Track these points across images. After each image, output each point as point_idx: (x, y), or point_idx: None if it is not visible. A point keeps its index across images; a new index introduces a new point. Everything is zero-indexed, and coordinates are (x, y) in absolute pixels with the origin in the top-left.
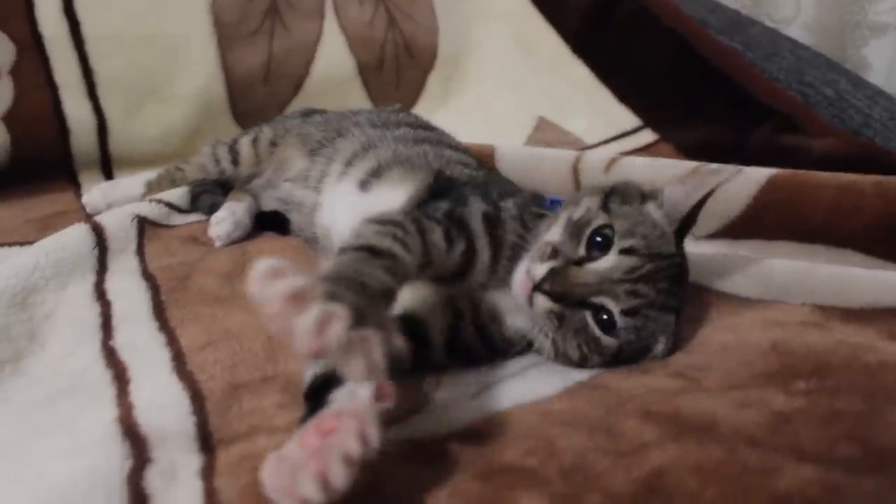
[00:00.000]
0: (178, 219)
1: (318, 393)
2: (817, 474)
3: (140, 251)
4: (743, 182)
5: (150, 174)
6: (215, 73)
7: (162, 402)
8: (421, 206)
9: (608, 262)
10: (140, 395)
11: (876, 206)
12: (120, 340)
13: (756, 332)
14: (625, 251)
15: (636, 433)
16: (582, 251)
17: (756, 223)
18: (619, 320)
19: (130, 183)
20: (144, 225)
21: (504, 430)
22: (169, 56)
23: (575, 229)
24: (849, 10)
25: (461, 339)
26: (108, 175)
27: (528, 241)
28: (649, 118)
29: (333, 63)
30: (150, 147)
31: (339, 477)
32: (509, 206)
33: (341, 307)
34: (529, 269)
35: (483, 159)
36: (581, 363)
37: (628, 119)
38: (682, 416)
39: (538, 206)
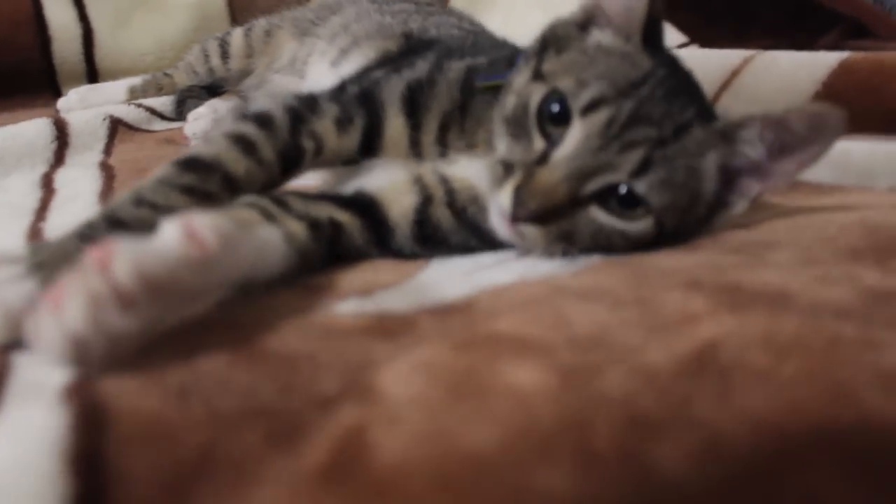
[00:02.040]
0: (160, 125)
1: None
2: None
3: (108, 150)
4: (809, 66)
5: (135, 80)
6: None
7: None
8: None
9: (575, 134)
10: None
11: None
12: (52, 222)
13: (836, 212)
14: (587, 109)
15: (680, 305)
16: (539, 144)
17: None
18: (638, 186)
19: (112, 88)
20: (118, 126)
21: (499, 303)
22: None
23: (516, 124)
24: None
25: (432, 225)
26: None
27: (472, 107)
28: (696, 34)
29: None
30: (140, 59)
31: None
32: (458, 66)
33: None
34: (493, 202)
35: None
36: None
37: (673, 36)
38: (743, 288)
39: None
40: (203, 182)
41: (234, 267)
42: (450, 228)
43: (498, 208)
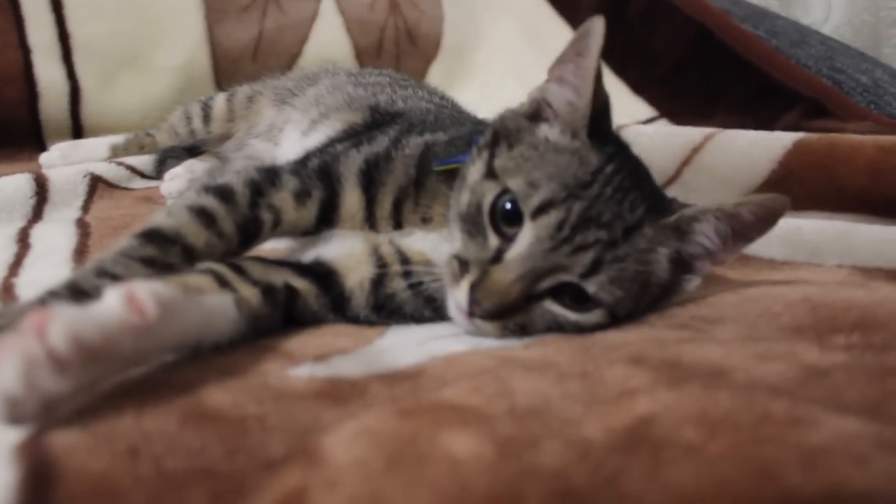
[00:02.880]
0: (139, 183)
1: None
2: (867, 428)
3: (86, 207)
4: (765, 146)
5: (117, 138)
6: (201, 46)
7: None
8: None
9: (526, 237)
10: None
11: None
12: (24, 278)
13: (783, 287)
14: (537, 211)
15: (620, 380)
16: (493, 241)
17: (782, 192)
18: (589, 286)
19: (94, 144)
20: (98, 183)
21: (448, 371)
22: (152, 25)
23: (471, 221)
24: (885, 7)
25: (386, 295)
26: None
27: (428, 183)
28: (665, 109)
29: (328, 44)
30: (126, 118)
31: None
32: (415, 142)
33: None
34: (451, 296)
35: None
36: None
37: (643, 110)
38: (683, 364)
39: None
40: (163, 254)
41: (177, 332)
42: (404, 299)
43: (455, 303)
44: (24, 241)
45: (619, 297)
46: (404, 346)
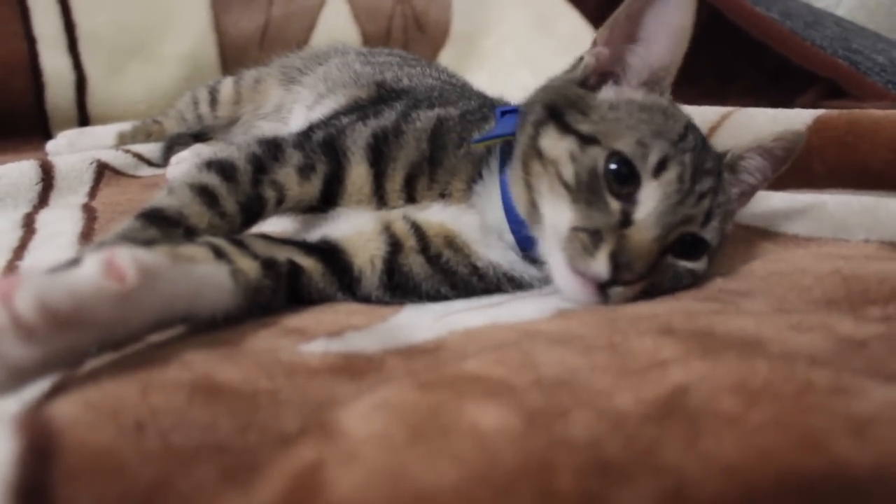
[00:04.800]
0: (146, 171)
1: None
2: None
3: (92, 193)
4: (785, 122)
5: (125, 126)
6: (207, 35)
7: None
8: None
9: (652, 194)
10: None
11: None
12: (28, 261)
13: (811, 261)
14: (658, 169)
15: (651, 351)
16: (615, 206)
17: (803, 171)
18: (706, 234)
19: (101, 132)
20: (105, 171)
21: (469, 344)
22: (158, 14)
23: (586, 189)
24: None
25: (402, 273)
26: None
27: (444, 158)
28: (677, 92)
29: (336, 31)
30: (132, 107)
31: None
32: (426, 116)
33: None
34: (577, 271)
35: None
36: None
37: None
38: (714, 335)
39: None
40: (165, 236)
41: (163, 300)
42: (422, 275)
43: (580, 277)
44: (29, 226)
45: (719, 240)
46: (420, 321)
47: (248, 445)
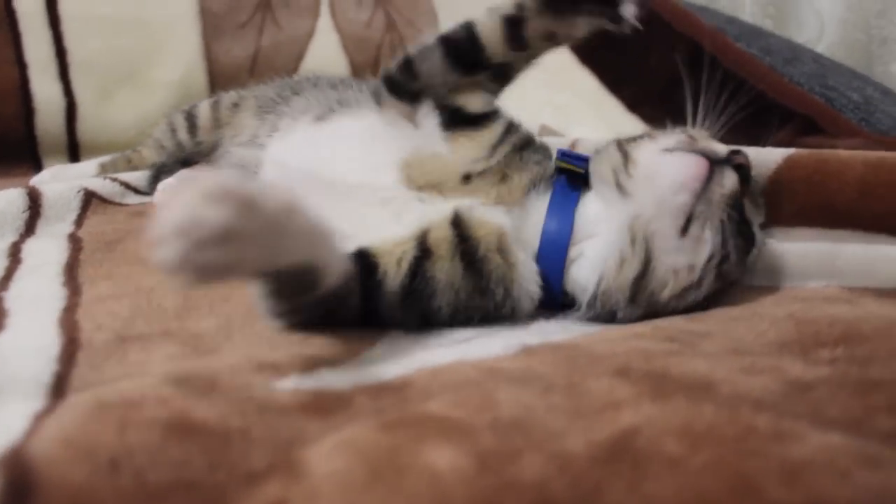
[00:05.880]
0: (133, 199)
1: None
2: (849, 443)
3: (79, 222)
4: (756, 161)
5: (105, 158)
6: (197, 62)
7: (26, 349)
8: None
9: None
10: (4, 339)
11: None
12: (13, 292)
13: (769, 306)
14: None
15: (605, 392)
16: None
17: (773, 209)
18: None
19: (84, 167)
20: (92, 199)
21: (434, 383)
22: (149, 41)
23: None
24: (876, 26)
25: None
26: (76, 161)
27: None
28: (660, 126)
29: (325, 61)
30: (122, 134)
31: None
32: None
33: None
34: (693, 150)
35: None
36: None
37: (637, 127)
38: (668, 376)
39: None
40: None
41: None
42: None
43: (705, 152)
44: (15, 255)
45: None
46: (391, 356)
47: (218, 482)
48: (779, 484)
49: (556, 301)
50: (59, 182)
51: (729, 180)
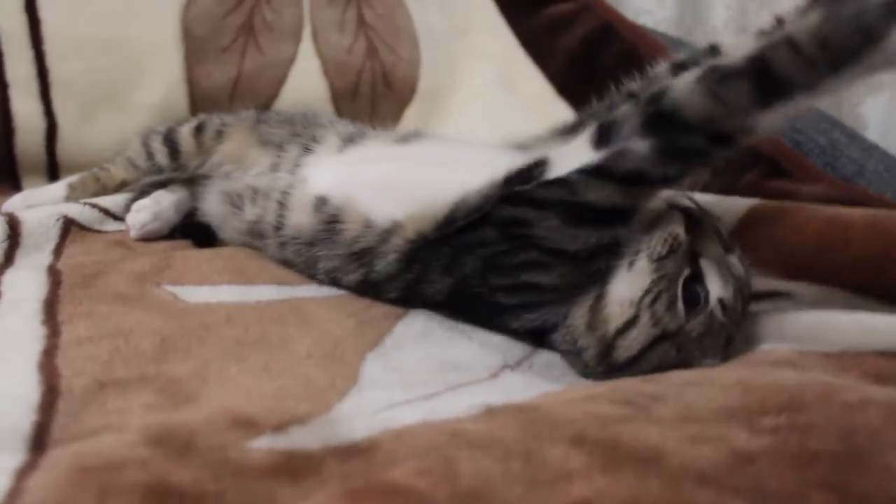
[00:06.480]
0: (112, 226)
1: None
2: None
3: (58, 251)
4: (722, 210)
5: (73, 177)
6: (179, 85)
7: (6, 396)
8: None
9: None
10: None
11: (864, 239)
12: None
13: (720, 371)
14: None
15: (560, 461)
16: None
17: None
18: None
19: (53, 189)
20: (71, 227)
21: (400, 447)
22: (131, 63)
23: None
24: None
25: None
26: (55, 181)
27: None
28: None
29: (305, 86)
30: (101, 155)
31: None
32: None
33: None
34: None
35: None
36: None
37: None
38: (620, 446)
39: None
40: None
41: None
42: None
43: None
44: None
45: None
46: (361, 413)
47: None
48: None
49: None
50: (33, 207)
51: None
